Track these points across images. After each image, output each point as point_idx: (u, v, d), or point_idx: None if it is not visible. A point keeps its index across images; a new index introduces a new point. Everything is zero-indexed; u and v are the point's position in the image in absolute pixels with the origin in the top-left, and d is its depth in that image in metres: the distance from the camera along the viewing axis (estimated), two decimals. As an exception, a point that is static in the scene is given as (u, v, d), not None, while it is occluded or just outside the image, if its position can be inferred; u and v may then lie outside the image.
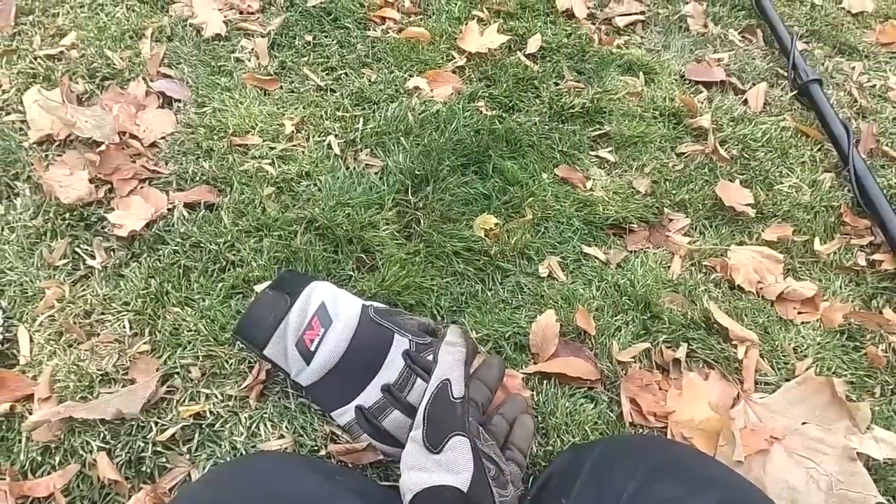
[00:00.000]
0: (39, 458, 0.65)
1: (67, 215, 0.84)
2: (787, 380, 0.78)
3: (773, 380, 0.79)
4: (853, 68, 1.22)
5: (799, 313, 0.85)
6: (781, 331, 0.83)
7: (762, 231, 0.93)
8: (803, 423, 0.73)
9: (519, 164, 0.98)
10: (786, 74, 1.17)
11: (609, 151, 1.02)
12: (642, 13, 1.28)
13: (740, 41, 1.25)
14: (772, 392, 0.77)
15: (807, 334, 0.83)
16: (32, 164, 0.88)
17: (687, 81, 1.16)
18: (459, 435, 0.56)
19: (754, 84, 1.15)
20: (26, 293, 0.77)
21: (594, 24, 1.25)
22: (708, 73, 1.16)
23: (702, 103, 1.11)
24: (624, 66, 1.16)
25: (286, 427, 0.70)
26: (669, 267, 0.89)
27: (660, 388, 0.76)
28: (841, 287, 0.89)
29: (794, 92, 1.14)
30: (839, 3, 1.36)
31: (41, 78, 1.00)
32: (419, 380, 0.67)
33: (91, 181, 0.87)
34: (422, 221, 0.90)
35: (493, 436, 0.66)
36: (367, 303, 0.73)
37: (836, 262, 0.91)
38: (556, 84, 1.11)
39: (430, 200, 0.92)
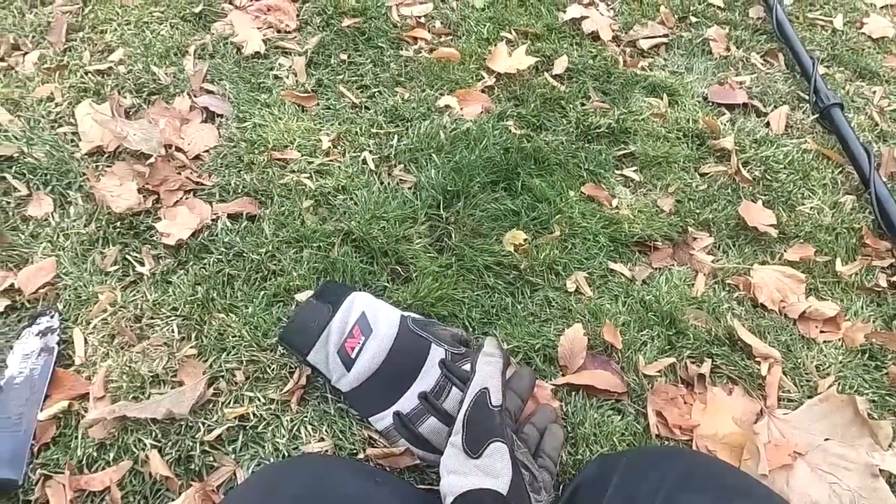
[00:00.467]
0: (95, 454, 0.69)
1: (118, 223, 0.88)
2: (810, 397, 0.80)
3: (796, 397, 0.81)
4: (874, 92, 1.24)
5: (821, 332, 0.87)
6: (804, 349, 0.85)
7: (784, 251, 0.96)
8: (826, 440, 0.75)
9: (547, 182, 1.01)
10: (807, 98, 1.20)
11: (634, 171, 1.05)
12: (666, 36, 1.31)
13: (762, 64, 1.28)
14: (795, 408, 0.79)
15: (829, 353, 0.85)
16: (85, 175, 0.93)
17: (710, 103, 1.19)
18: (498, 441, 0.59)
19: (776, 107, 1.18)
20: (80, 297, 0.81)
21: (619, 46, 1.28)
22: (730, 96, 1.19)
23: (724, 125, 1.14)
24: (648, 87, 1.19)
25: (326, 430, 0.73)
26: (693, 284, 0.91)
27: (685, 402, 0.79)
28: (862, 307, 0.91)
29: (816, 115, 1.16)
30: (860, 28, 1.39)
31: (91, 92, 1.05)
32: (454, 388, 0.70)
33: (139, 191, 0.92)
34: (453, 236, 0.93)
35: (525, 444, 0.68)
36: (405, 313, 0.76)
37: (858, 283, 0.93)
38: (583, 104, 1.14)
39: (462, 216, 0.95)
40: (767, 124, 1.15)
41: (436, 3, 1.30)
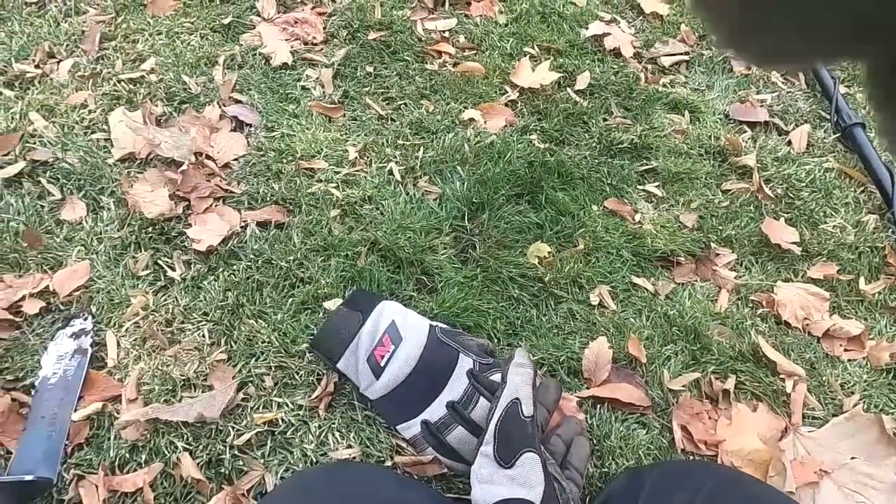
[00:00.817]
0: (127, 456, 0.70)
1: (150, 229, 0.90)
2: (835, 415, 0.80)
3: (821, 414, 0.81)
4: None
5: (845, 350, 0.87)
6: (828, 367, 0.85)
7: (808, 269, 0.96)
8: (852, 458, 0.75)
9: (570, 196, 1.02)
10: (828, 117, 1.21)
11: (656, 186, 1.06)
12: (686, 54, 1.32)
13: (783, 83, 1.29)
14: (820, 426, 0.79)
15: (853, 371, 0.85)
16: (118, 181, 0.95)
17: (731, 121, 1.20)
18: (531, 451, 0.59)
19: (797, 125, 1.19)
20: (113, 300, 0.83)
21: (640, 63, 1.30)
22: (752, 114, 1.20)
23: (746, 142, 1.15)
24: (669, 104, 1.20)
25: (353, 438, 0.73)
26: (716, 300, 0.92)
27: (709, 418, 0.79)
28: (887, 327, 0.91)
29: (838, 134, 1.17)
30: (880, 49, 1.40)
31: (124, 100, 1.08)
32: (482, 398, 0.71)
33: (171, 197, 0.93)
34: (478, 247, 0.94)
35: (552, 455, 0.69)
36: (434, 323, 0.77)
37: (882, 302, 0.93)
38: (605, 120, 1.16)
39: (486, 227, 0.96)
40: (789, 142, 1.16)
41: (459, 18, 1.32)
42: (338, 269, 0.88)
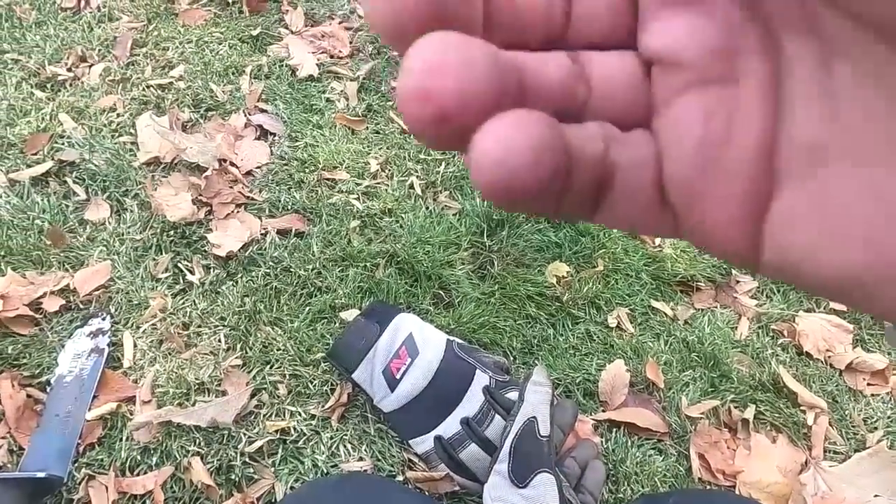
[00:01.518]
0: (138, 457, 0.69)
1: (171, 232, 0.91)
2: (857, 450, 0.78)
3: (843, 449, 0.79)
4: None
5: (868, 385, 0.85)
6: (851, 401, 0.83)
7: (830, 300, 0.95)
8: (875, 496, 0.73)
9: (590, 217, 1.01)
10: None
11: (677, 210, 1.05)
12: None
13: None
14: (841, 461, 0.77)
15: (877, 406, 0.83)
16: (143, 183, 0.96)
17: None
18: (546, 472, 0.58)
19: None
20: (132, 301, 0.83)
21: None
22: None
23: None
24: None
25: (365, 450, 0.73)
26: (737, 328, 0.90)
27: (728, 447, 0.77)
28: (911, 362, 0.89)
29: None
30: None
31: (152, 105, 1.09)
32: (497, 416, 0.70)
33: (193, 202, 0.94)
34: (496, 264, 0.94)
35: (567, 478, 0.68)
36: (451, 338, 0.77)
37: (906, 337, 0.92)
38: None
39: (505, 245, 0.96)
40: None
41: (485, 37, 1.34)
42: (355, 279, 0.88)
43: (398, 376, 0.71)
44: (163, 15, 1.27)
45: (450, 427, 0.70)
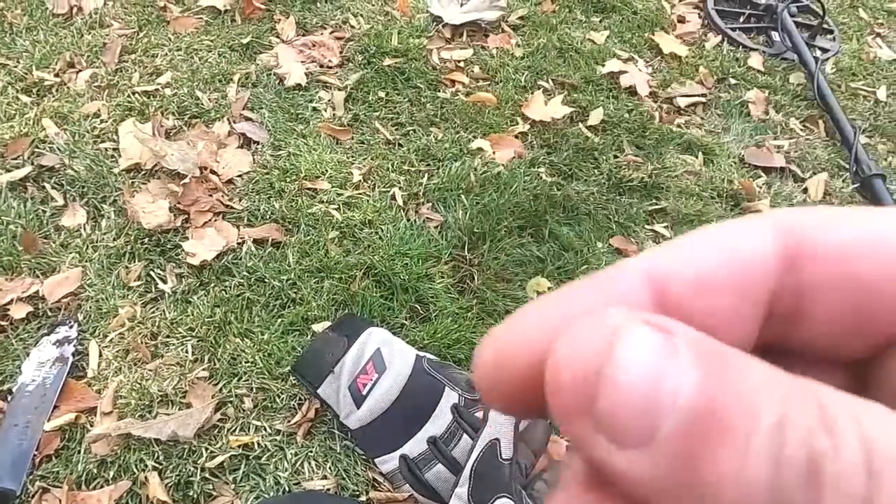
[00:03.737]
0: (95, 471, 0.67)
1: (146, 240, 0.89)
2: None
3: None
4: (917, 166, 1.21)
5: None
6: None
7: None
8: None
9: (574, 231, 1.00)
10: (847, 166, 1.17)
11: (665, 227, 1.03)
12: (703, 96, 1.31)
13: (801, 130, 1.27)
14: None
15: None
16: (120, 190, 0.95)
17: (746, 165, 1.17)
18: (505, 497, 0.56)
19: (814, 173, 1.16)
20: (101, 309, 0.82)
21: (656, 102, 1.28)
22: (767, 159, 1.18)
23: (760, 188, 1.12)
24: (683, 144, 1.18)
25: (330, 468, 0.71)
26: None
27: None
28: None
29: (857, 185, 1.14)
30: (903, 100, 1.37)
31: (136, 111, 1.09)
32: (465, 435, 0.68)
33: (171, 210, 0.93)
34: (476, 278, 0.92)
35: (535, 501, 0.65)
36: (421, 353, 0.75)
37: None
38: (616, 157, 1.14)
39: (486, 258, 0.94)
40: (805, 190, 1.13)
41: (476, 49, 1.33)
42: (330, 291, 0.86)
43: (364, 392, 0.69)
44: (154, 22, 1.27)
45: (416, 446, 0.68)
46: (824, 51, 1.45)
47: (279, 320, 0.83)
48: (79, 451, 0.69)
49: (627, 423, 0.09)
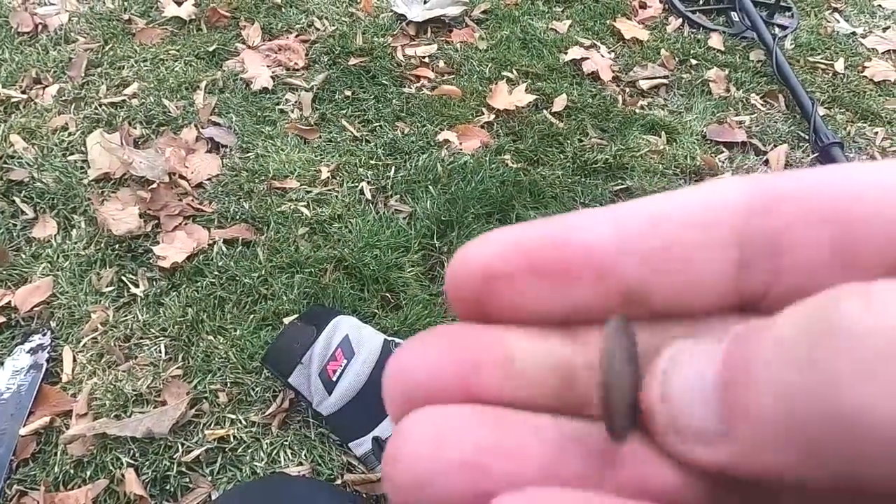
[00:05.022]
0: (72, 472, 0.68)
1: (117, 246, 0.90)
2: None
3: None
4: (876, 133, 1.24)
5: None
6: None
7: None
8: None
9: (542, 215, 1.01)
10: (807, 137, 1.20)
11: (630, 205, 1.05)
12: (666, 77, 1.33)
13: (762, 105, 1.29)
14: None
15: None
16: (90, 199, 0.96)
17: (708, 142, 1.19)
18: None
19: (775, 146, 1.18)
20: (73, 316, 0.83)
21: (619, 86, 1.31)
22: (729, 135, 1.20)
23: (722, 162, 1.14)
24: (647, 125, 1.21)
25: (305, 455, 0.72)
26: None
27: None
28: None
29: (816, 154, 1.16)
30: (861, 72, 1.40)
31: (104, 123, 1.10)
32: (435, 414, 0.69)
33: (141, 216, 0.94)
34: (446, 265, 0.93)
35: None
36: (390, 338, 0.76)
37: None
38: (581, 141, 1.16)
39: (455, 246, 0.95)
40: (766, 162, 1.15)
41: (440, 44, 1.35)
42: (301, 285, 0.87)
43: (335, 378, 0.70)
44: (120, 35, 1.28)
45: (388, 427, 0.69)
46: (783, 28, 1.48)
47: (251, 316, 0.84)
48: (55, 454, 0.69)
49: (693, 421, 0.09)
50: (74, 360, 0.78)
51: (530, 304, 0.11)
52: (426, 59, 1.31)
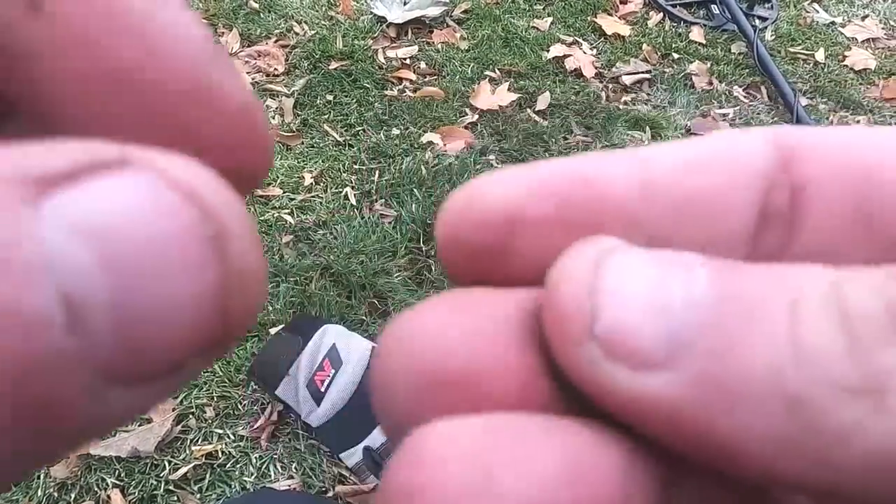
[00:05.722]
0: (56, 495, 0.67)
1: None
2: None
3: None
4: (858, 122, 1.24)
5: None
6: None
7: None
8: None
9: (528, 214, 1.01)
10: (791, 128, 1.20)
11: (617, 202, 1.05)
12: (648, 72, 1.33)
13: (745, 97, 1.29)
14: None
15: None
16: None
17: (693, 135, 1.19)
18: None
19: (760, 137, 1.19)
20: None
21: (602, 82, 1.30)
22: (713, 127, 1.20)
23: (708, 156, 1.14)
24: (631, 121, 1.20)
25: (295, 468, 0.71)
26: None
27: None
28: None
29: (800, 145, 1.16)
30: (842, 61, 1.40)
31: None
32: (426, 422, 0.68)
33: (121, 229, 0.92)
34: (433, 269, 0.93)
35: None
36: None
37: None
38: (565, 138, 1.15)
39: (442, 248, 0.95)
40: (751, 154, 1.15)
41: (421, 45, 1.34)
42: (287, 294, 0.86)
43: (323, 389, 0.69)
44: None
45: (379, 436, 0.68)
46: (763, 19, 1.48)
47: (237, 328, 0.82)
48: (38, 477, 0.68)
49: (640, 339, 0.07)
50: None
51: (548, 260, 0.09)
52: (407, 61, 1.30)
